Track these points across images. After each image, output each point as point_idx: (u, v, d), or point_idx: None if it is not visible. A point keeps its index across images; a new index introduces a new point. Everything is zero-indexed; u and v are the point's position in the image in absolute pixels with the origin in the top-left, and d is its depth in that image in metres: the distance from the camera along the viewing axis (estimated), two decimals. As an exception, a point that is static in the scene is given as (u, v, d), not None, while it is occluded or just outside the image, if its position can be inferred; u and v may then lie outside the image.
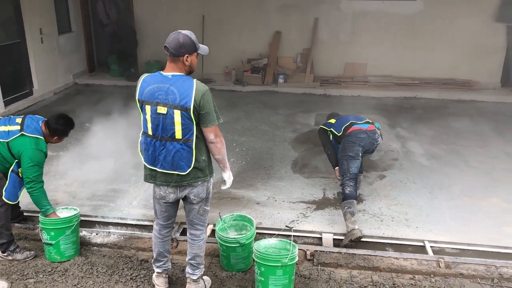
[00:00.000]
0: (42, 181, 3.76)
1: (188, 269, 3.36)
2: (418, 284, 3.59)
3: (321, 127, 5.17)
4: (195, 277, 3.34)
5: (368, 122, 4.87)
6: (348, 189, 4.45)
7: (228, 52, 10.00)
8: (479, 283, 3.61)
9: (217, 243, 3.78)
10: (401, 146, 6.57)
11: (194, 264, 3.33)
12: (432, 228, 4.43)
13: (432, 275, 3.69)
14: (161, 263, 3.39)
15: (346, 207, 4.30)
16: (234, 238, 3.65)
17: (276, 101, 8.91)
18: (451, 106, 8.52)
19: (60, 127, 3.92)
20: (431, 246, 4.06)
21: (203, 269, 3.41)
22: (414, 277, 3.69)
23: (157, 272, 3.42)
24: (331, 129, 4.97)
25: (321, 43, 9.79)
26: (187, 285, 3.38)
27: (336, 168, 4.87)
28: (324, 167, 5.74)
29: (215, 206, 4.65)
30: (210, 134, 3.02)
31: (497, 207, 4.83)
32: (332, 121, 5.05)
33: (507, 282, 3.61)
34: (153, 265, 3.43)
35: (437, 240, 4.17)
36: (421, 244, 4.12)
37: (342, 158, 4.69)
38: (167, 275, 3.46)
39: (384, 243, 4.19)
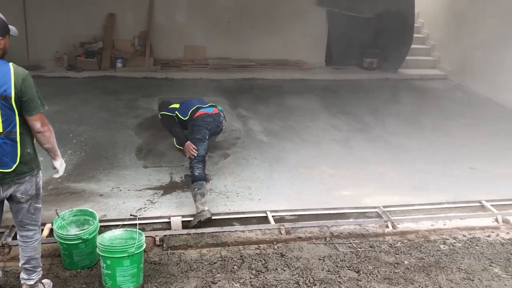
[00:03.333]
0: None
1: (22, 275, 3.06)
2: (263, 253, 3.83)
3: (163, 114, 5.13)
4: (32, 282, 3.05)
5: (212, 106, 5.06)
6: (198, 171, 4.54)
7: (57, 35, 9.16)
8: (314, 243, 4.01)
9: (56, 242, 3.51)
10: (242, 125, 6.87)
11: (30, 268, 3.04)
12: (273, 198, 4.76)
13: (275, 242, 3.98)
14: (-11, 274, 3.03)
15: (196, 189, 4.37)
16: (76, 234, 3.43)
17: (116, 87, 8.51)
18: (284, 85, 9.16)
19: None
20: (272, 216, 4.36)
21: (41, 272, 3.14)
22: (259, 246, 3.94)
23: (-15, 284, 3.05)
24: (176, 113, 5.02)
25: (158, 26, 9.60)
26: (24, 292, 3.09)
27: (188, 142, 4.81)
28: (170, 151, 5.71)
29: (52, 204, 4.30)
30: (36, 122, 2.76)
31: (326, 173, 5.40)
32: (176, 105, 5.11)
33: (336, 239, 4.08)
34: (-20, 277, 3.05)
35: (277, 209, 4.49)
36: (264, 215, 4.39)
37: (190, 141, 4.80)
38: (-2, 286, 3.11)
39: (230, 218, 4.36)
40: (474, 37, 9.11)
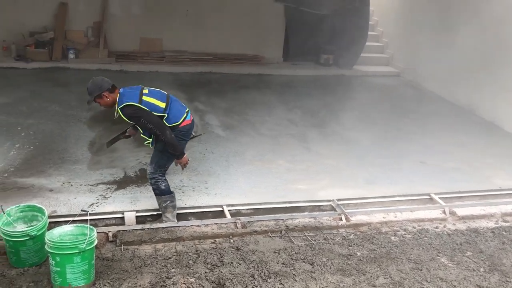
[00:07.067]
0: None
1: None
2: (218, 247, 3.82)
3: (138, 107, 3.84)
4: (-26, 282, 2.92)
5: (188, 110, 4.16)
6: (164, 184, 4.07)
7: (3, 23, 8.74)
8: (270, 236, 4.04)
9: (2, 239, 3.36)
10: (199, 119, 6.81)
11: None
12: (229, 193, 4.75)
13: (231, 236, 3.98)
14: None
15: (168, 201, 4.08)
16: (22, 231, 3.29)
17: (68, 78, 8.22)
18: (242, 80, 9.15)
19: None
20: (229, 210, 4.35)
21: (-15, 271, 3.01)
22: (215, 240, 3.92)
23: None
24: (163, 114, 3.89)
25: (113, 16, 9.34)
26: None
27: (186, 155, 4.04)
28: (124, 144, 5.56)
29: (-2, 199, 4.11)
30: None
31: (282, 167, 5.44)
32: (157, 102, 3.89)
33: (292, 232, 4.12)
34: None
35: (234, 203, 4.48)
36: (220, 209, 4.38)
37: (165, 151, 3.95)
38: None
39: (186, 213, 4.31)
40: (424, 36, 9.42)
